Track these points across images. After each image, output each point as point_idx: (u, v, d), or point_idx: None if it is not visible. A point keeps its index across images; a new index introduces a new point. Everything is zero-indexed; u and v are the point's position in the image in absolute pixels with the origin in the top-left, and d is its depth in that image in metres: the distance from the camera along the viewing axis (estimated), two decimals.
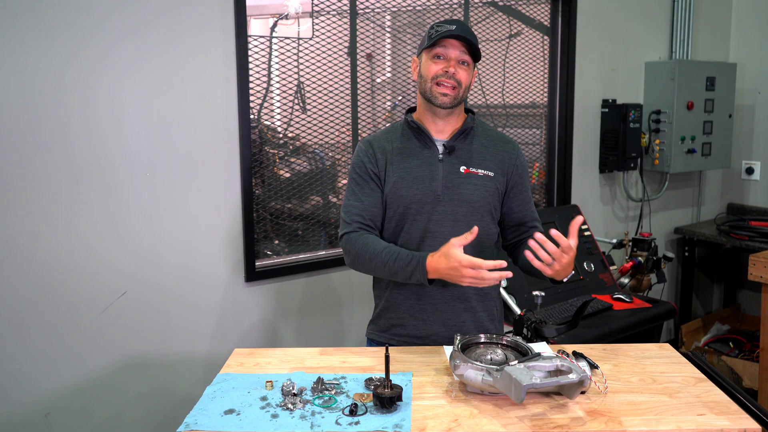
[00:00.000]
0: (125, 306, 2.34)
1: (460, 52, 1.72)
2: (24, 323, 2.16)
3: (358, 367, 1.60)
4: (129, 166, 2.30)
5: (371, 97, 3.03)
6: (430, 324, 1.81)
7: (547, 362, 1.40)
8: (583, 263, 3.16)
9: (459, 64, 1.73)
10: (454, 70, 1.71)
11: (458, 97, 1.74)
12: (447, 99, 1.73)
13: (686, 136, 3.80)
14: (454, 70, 1.71)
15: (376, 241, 1.75)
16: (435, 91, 1.73)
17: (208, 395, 1.46)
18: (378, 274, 1.77)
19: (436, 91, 1.73)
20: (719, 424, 1.31)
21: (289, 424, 1.32)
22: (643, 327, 2.89)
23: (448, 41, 1.71)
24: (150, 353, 2.42)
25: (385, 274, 1.73)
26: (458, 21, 1.74)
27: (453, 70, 1.71)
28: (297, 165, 2.87)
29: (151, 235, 2.36)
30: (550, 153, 3.62)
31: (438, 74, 1.72)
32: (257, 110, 2.69)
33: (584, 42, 3.54)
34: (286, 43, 2.75)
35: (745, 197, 4.30)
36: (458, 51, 1.72)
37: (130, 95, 2.27)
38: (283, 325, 2.76)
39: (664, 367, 1.59)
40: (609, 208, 3.87)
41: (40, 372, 2.20)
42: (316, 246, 2.91)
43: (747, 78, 4.19)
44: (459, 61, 1.72)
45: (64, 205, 2.19)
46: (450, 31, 1.69)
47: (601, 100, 3.70)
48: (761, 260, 2.88)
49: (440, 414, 1.36)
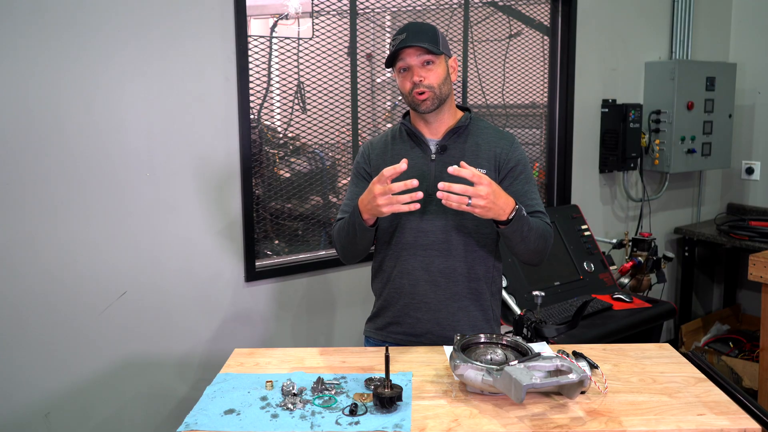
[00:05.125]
0: (125, 306, 2.34)
1: (417, 57, 1.72)
2: (24, 323, 2.16)
3: (358, 367, 1.60)
4: (129, 166, 2.30)
5: (371, 97, 3.03)
6: (424, 323, 1.82)
7: (547, 362, 1.40)
8: (583, 263, 3.16)
9: (423, 66, 1.73)
10: (419, 77, 1.72)
11: (437, 97, 1.75)
12: (427, 103, 1.75)
13: (686, 136, 3.81)
14: (419, 78, 1.72)
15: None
16: (414, 100, 1.76)
17: (208, 395, 1.46)
18: (347, 246, 1.79)
19: (416, 100, 1.75)
20: (719, 424, 1.31)
21: (289, 424, 1.32)
22: (643, 327, 2.89)
23: (403, 52, 1.73)
24: (150, 353, 2.42)
25: (349, 242, 1.76)
26: (409, 26, 1.75)
27: (418, 79, 1.72)
28: (297, 165, 2.87)
29: (151, 235, 2.37)
30: (550, 153, 3.62)
31: (410, 89, 1.75)
32: (257, 110, 2.69)
33: (584, 42, 3.54)
34: (286, 43, 2.75)
35: (745, 197, 4.30)
36: (415, 57, 1.72)
37: (130, 95, 2.27)
38: (283, 325, 2.76)
39: (664, 367, 1.59)
40: (609, 208, 3.87)
41: (40, 372, 2.20)
42: (316, 246, 2.91)
43: (747, 78, 4.19)
44: (422, 64, 1.73)
45: (64, 205, 2.19)
46: (401, 41, 1.71)
47: (601, 100, 3.70)
48: (761, 260, 2.88)
49: (440, 414, 1.36)
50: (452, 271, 1.79)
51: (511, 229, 1.63)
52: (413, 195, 1.55)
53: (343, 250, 1.83)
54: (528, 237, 1.67)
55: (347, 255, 1.84)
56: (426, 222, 1.78)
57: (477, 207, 1.55)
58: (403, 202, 1.55)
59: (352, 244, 1.77)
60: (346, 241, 1.78)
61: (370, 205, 1.60)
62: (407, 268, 1.81)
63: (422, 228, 1.78)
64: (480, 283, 1.83)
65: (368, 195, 1.60)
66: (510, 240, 1.68)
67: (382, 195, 1.55)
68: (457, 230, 1.78)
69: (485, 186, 1.54)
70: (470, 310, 1.82)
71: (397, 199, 1.55)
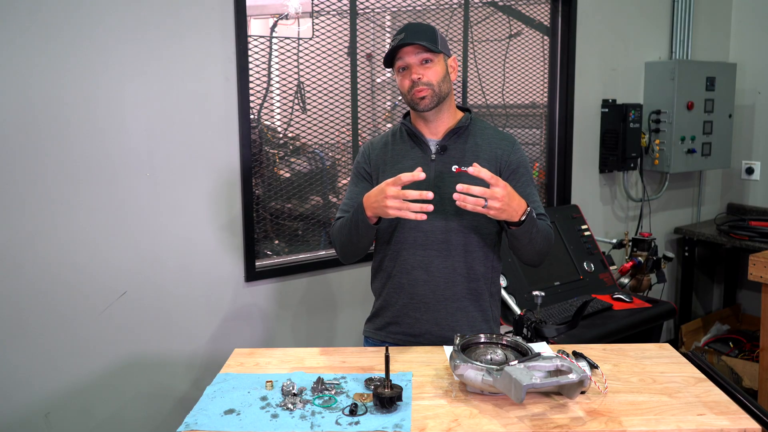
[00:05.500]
0: (125, 306, 2.34)
1: (416, 55, 1.73)
2: (24, 323, 2.16)
3: (358, 367, 1.60)
4: (129, 166, 2.30)
5: (371, 97, 3.03)
6: (423, 323, 1.82)
7: (547, 362, 1.40)
8: (583, 263, 3.16)
9: (421, 65, 1.74)
10: (418, 75, 1.73)
11: (436, 95, 1.75)
12: (426, 101, 1.75)
13: (686, 136, 3.80)
14: (418, 76, 1.73)
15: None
16: (414, 99, 1.76)
17: (208, 395, 1.46)
18: (347, 244, 1.79)
19: (415, 98, 1.76)
20: (719, 424, 1.31)
21: (289, 424, 1.32)
22: (643, 327, 2.89)
23: (402, 51, 1.73)
24: (150, 353, 2.42)
25: (350, 239, 1.76)
26: (407, 26, 1.75)
27: (417, 77, 1.73)
28: (297, 165, 2.87)
29: (151, 235, 2.37)
30: (550, 153, 3.62)
31: (409, 88, 1.75)
32: (257, 110, 2.69)
33: (584, 42, 3.54)
34: (286, 43, 2.75)
35: (745, 197, 4.30)
36: (414, 55, 1.73)
37: (130, 95, 2.27)
38: (283, 325, 2.76)
39: (664, 367, 1.59)
40: (609, 208, 3.87)
41: (40, 372, 2.20)
42: (316, 246, 2.91)
43: (747, 78, 4.19)
44: (421, 62, 1.73)
45: (64, 205, 2.19)
46: (400, 40, 1.72)
47: (601, 100, 3.70)
48: (761, 260, 2.88)
49: (440, 414, 1.36)
50: (451, 271, 1.80)
51: (522, 230, 1.64)
52: (424, 206, 1.55)
53: (342, 248, 1.83)
54: (535, 239, 1.69)
55: (346, 253, 1.83)
56: (425, 222, 1.77)
57: (492, 209, 1.56)
58: (412, 210, 1.55)
59: (352, 242, 1.77)
60: (347, 239, 1.77)
61: (377, 204, 1.59)
62: (406, 267, 1.81)
63: (422, 228, 1.79)
64: (479, 284, 1.83)
65: (378, 194, 1.59)
66: (519, 241, 1.69)
67: (394, 198, 1.55)
68: (457, 230, 1.78)
69: (501, 188, 1.55)
70: (469, 311, 1.83)
71: (408, 206, 1.55)
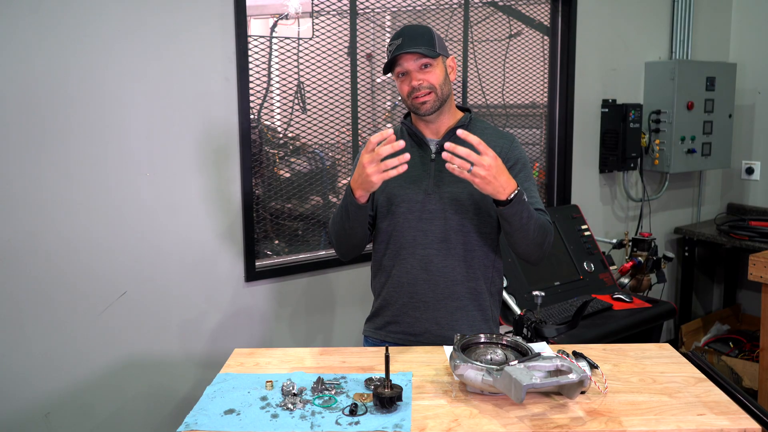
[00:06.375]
0: (125, 306, 2.34)
1: (414, 61, 1.72)
2: (24, 323, 2.16)
3: (358, 367, 1.60)
4: (129, 166, 2.30)
5: (371, 97, 3.03)
6: (423, 322, 1.82)
7: (547, 362, 1.40)
8: (583, 263, 3.16)
9: (420, 70, 1.73)
10: (419, 81, 1.73)
11: (438, 98, 1.75)
12: (427, 105, 1.75)
13: (686, 136, 3.80)
14: (418, 82, 1.73)
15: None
16: (415, 103, 1.76)
17: (208, 395, 1.46)
18: (341, 233, 1.77)
19: (416, 103, 1.75)
20: (719, 424, 1.31)
21: (289, 424, 1.32)
22: (643, 327, 2.89)
23: (401, 57, 1.73)
24: (150, 353, 2.42)
25: (343, 227, 1.74)
26: (404, 31, 1.75)
27: (417, 83, 1.73)
28: (297, 165, 2.87)
29: (151, 235, 2.36)
30: (550, 153, 3.62)
31: (408, 93, 1.75)
32: (257, 110, 2.69)
33: (584, 42, 3.54)
34: (286, 43, 2.75)
35: (745, 197, 4.30)
36: (412, 62, 1.73)
37: (130, 95, 2.27)
38: (283, 325, 2.76)
39: (664, 367, 1.59)
40: (609, 208, 3.87)
41: (40, 372, 2.20)
42: (316, 246, 2.91)
43: (747, 78, 4.19)
44: (420, 68, 1.73)
45: (64, 205, 2.19)
46: (398, 47, 1.71)
47: (601, 100, 3.70)
48: (761, 260, 2.88)
49: (440, 414, 1.36)
50: (451, 270, 1.79)
51: (510, 210, 1.61)
52: (401, 158, 1.55)
53: (337, 239, 1.81)
54: (527, 225, 1.66)
55: (342, 245, 1.82)
56: (425, 221, 1.78)
57: (477, 176, 1.55)
58: (391, 167, 1.55)
59: (344, 230, 1.75)
60: (339, 227, 1.76)
61: (361, 178, 1.60)
62: (406, 267, 1.81)
63: (421, 227, 1.79)
64: (479, 283, 1.83)
65: (358, 169, 1.60)
66: (510, 225, 1.66)
67: (370, 163, 1.56)
68: (457, 230, 1.78)
69: (490, 158, 1.55)
70: (469, 310, 1.82)
71: (386, 164, 1.55)
